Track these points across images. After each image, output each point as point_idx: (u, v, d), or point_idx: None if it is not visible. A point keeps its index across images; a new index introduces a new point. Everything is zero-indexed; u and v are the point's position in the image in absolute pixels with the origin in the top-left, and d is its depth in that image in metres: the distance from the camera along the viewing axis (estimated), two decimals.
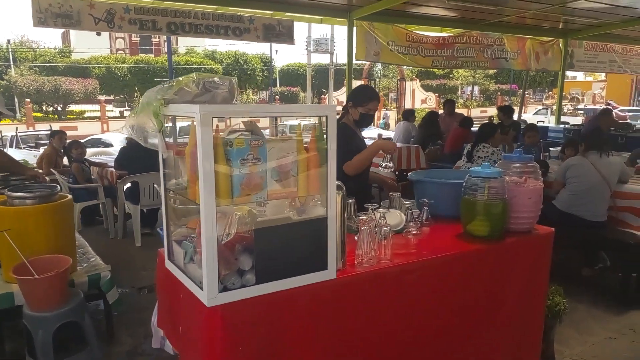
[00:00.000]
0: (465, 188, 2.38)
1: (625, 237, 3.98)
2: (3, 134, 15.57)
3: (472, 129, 7.60)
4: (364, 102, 3.10)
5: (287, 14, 7.99)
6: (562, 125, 10.85)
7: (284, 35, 7.80)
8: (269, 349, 1.82)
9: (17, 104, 26.41)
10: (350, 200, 2.46)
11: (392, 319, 2.10)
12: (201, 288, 1.72)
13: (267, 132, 1.96)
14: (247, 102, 29.04)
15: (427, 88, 34.87)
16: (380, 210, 2.31)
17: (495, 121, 7.83)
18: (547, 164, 4.94)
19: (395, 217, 2.53)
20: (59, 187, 3.19)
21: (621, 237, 4.00)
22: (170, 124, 2.04)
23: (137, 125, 2.00)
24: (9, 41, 29.33)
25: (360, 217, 2.12)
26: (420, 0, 7.48)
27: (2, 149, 3.47)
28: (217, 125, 1.71)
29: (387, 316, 2.08)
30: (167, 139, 2.04)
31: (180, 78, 1.88)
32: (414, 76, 33.71)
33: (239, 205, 1.78)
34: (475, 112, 31.91)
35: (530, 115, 25.28)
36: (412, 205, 2.65)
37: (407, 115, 9.05)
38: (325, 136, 1.78)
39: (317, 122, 1.83)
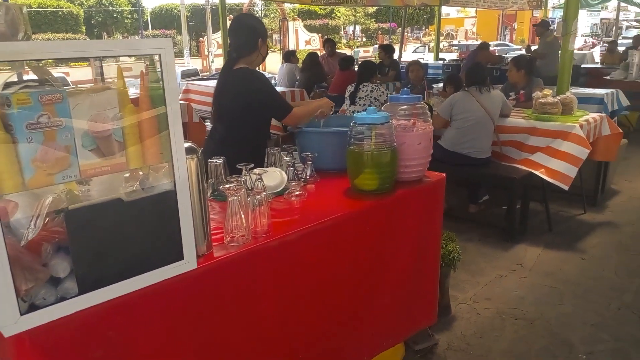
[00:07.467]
0: (351, 137, 2.04)
1: (509, 172, 3.97)
2: None
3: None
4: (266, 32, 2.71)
5: None
6: (440, 62, 11.02)
7: None
8: None
9: None
10: (218, 162, 2.02)
11: (275, 301, 1.74)
12: None
13: None
14: None
15: (310, 28, 34.12)
16: (256, 170, 1.91)
17: (377, 60, 7.64)
18: (431, 106, 4.73)
19: (274, 177, 2.14)
20: None
21: (505, 172, 3.99)
22: None
23: None
24: None
25: (227, 186, 1.68)
26: None
27: None
28: None
29: (268, 300, 1.72)
30: None
31: None
32: (296, 16, 32.73)
33: (53, 188, 1.25)
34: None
35: (409, 53, 25.92)
36: (295, 161, 2.27)
37: (288, 56, 8.54)
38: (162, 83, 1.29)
39: (148, 63, 1.33)
